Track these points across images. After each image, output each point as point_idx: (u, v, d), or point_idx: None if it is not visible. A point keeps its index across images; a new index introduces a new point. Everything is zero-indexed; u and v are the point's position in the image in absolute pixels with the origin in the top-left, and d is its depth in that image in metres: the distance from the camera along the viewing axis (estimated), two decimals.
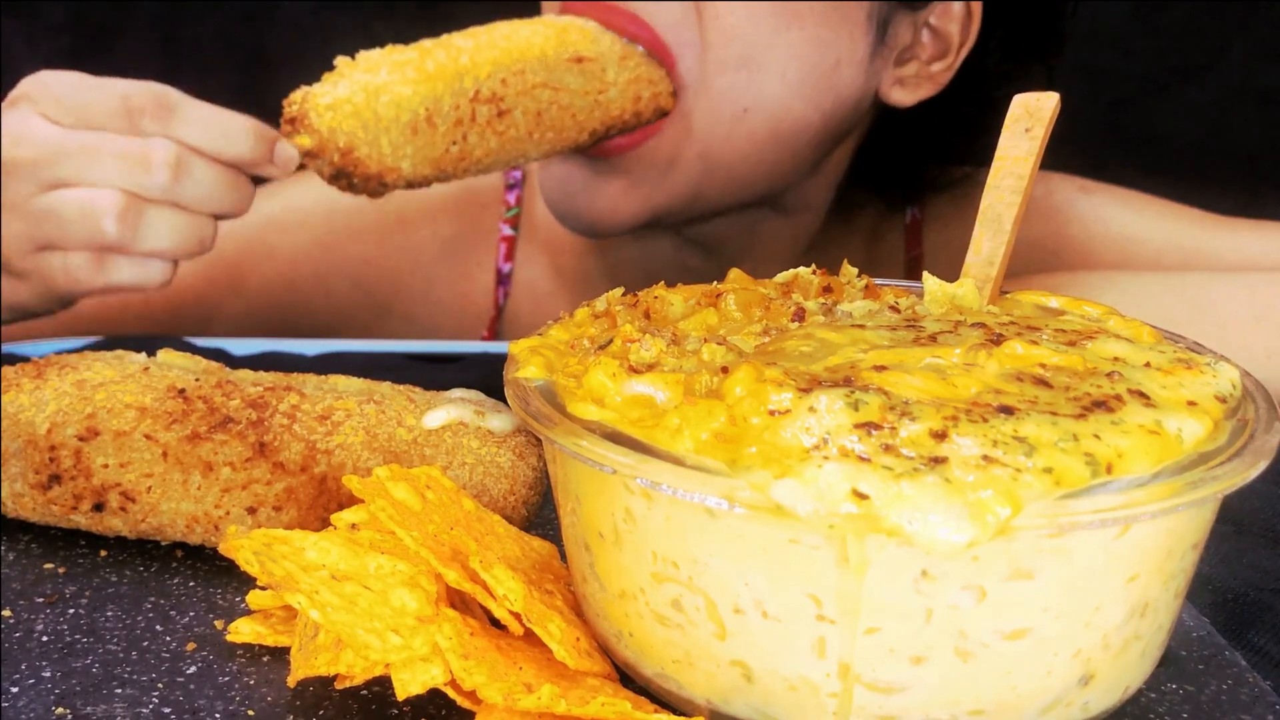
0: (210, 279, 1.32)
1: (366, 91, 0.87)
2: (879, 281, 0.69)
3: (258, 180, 0.88)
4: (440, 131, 0.89)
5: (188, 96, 0.85)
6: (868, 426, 0.47)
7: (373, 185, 0.88)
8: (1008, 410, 0.49)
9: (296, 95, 0.88)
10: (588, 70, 0.94)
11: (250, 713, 0.55)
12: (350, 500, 0.64)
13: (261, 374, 0.73)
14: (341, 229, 1.36)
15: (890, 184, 1.31)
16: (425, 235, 1.36)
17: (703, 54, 1.01)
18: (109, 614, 0.63)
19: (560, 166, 1.07)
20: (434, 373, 1.02)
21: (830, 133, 1.11)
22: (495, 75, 0.91)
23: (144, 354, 0.75)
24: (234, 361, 0.89)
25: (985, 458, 0.46)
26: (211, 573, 0.68)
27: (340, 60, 0.90)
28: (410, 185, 0.91)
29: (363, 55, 0.90)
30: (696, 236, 1.24)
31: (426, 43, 0.92)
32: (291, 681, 0.56)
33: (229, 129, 0.85)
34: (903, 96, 1.13)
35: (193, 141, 0.84)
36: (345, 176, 0.88)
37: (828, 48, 1.04)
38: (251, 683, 0.57)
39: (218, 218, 0.87)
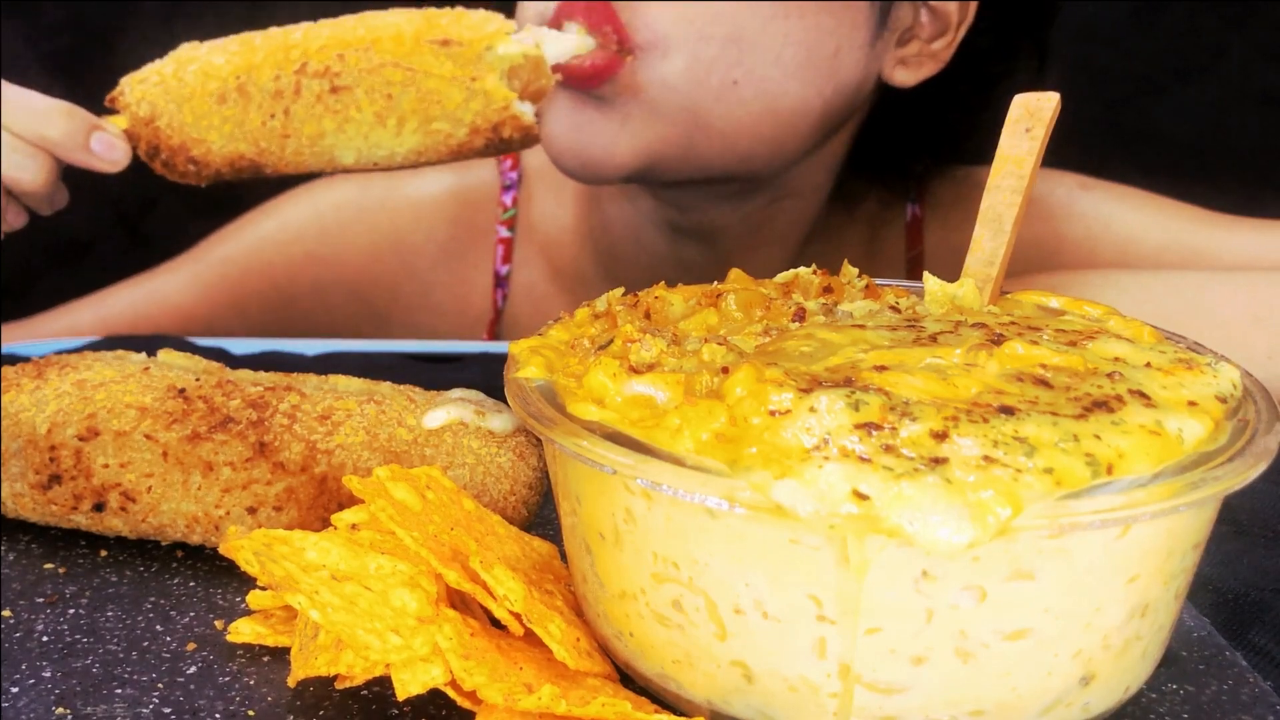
0: (212, 300, 1.34)
1: (178, 63, 0.85)
2: (879, 281, 0.69)
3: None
4: (255, 103, 0.84)
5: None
6: (868, 427, 0.47)
7: (181, 161, 0.85)
8: (1008, 410, 0.48)
9: (123, 79, 0.87)
10: (456, 54, 0.85)
11: (250, 713, 0.55)
12: (350, 500, 0.64)
13: (261, 374, 0.73)
14: (336, 241, 1.37)
15: (890, 168, 1.31)
16: (420, 241, 1.37)
17: (678, 21, 1.02)
18: (109, 614, 0.63)
19: (564, 101, 1.07)
20: (434, 373, 1.02)
21: (832, 116, 1.13)
22: (329, 50, 0.84)
23: (144, 354, 0.75)
24: (234, 361, 0.89)
25: (986, 458, 0.46)
26: (211, 573, 0.68)
27: (183, 45, 0.88)
28: (234, 167, 0.86)
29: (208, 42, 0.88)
30: (694, 227, 1.25)
31: (274, 29, 0.88)
32: (291, 681, 0.56)
33: (34, 107, 0.84)
34: (906, 77, 1.14)
35: None
36: (157, 154, 0.85)
37: (828, 35, 1.06)
38: (251, 683, 0.57)
39: (12, 194, 0.86)
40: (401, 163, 0.88)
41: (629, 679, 0.56)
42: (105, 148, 0.85)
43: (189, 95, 0.84)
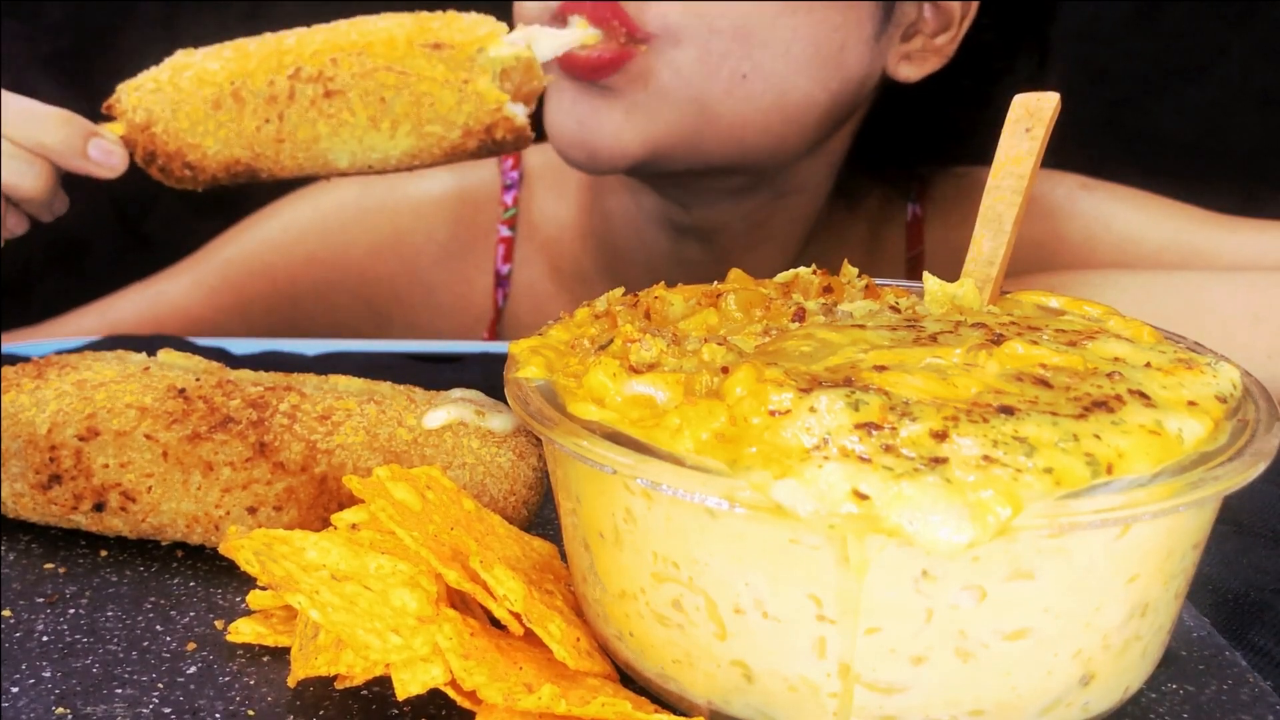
0: (216, 304, 1.35)
1: (173, 69, 0.86)
2: (879, 281, 0.69)
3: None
4: (249, 108, 0.84)
5: None
6: (868, 427, 0.47)
7: (177, 167, 0.85)
8: (1008, 410, 0.48)
9: (120, 86, 0.87)
10: (448, 57, 0.86)
11: (250, 713, 0.55)
12: (350, 500, 0.64)
13: (261, 374, 0.73)
14: (337, 242, 1.38)
15: (892, 164, 1.32)
16: (421, 241, 1.38)
17: (687, 13, 1.03)
18: (109, 614, 0.63)
19: (569, 92, 1.08)
20: (434, 373, 1.02)
21: (836, 111, 1.13)
22: (323, 54, 0.85)
23: (144, 354, 0.75)
24: (234, 361, 0.89)
25: (985, 458, 0.46)
26: (211, 573, 0.68)
27: (179, 51, 0.88)
28: (229, 172, 0.87)
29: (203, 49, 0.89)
30: (695, 225, 1.25)
31: (268, 35, 0.88)
32: (291, 681, 0.56)
33: (33, 114, 0.85)
34: (910, 72, 1.15)
35: None
36: (154, 160, 0.85)
37: (834, 30, 1.07)
38: (251, 683, 0.57)
39: (12, 200, 0.87)
40: (395, 165, 0.88)
41: (629, 679, 0.56)
42: (103, 154, 0.85)
43: (184, 101, 0.84)
